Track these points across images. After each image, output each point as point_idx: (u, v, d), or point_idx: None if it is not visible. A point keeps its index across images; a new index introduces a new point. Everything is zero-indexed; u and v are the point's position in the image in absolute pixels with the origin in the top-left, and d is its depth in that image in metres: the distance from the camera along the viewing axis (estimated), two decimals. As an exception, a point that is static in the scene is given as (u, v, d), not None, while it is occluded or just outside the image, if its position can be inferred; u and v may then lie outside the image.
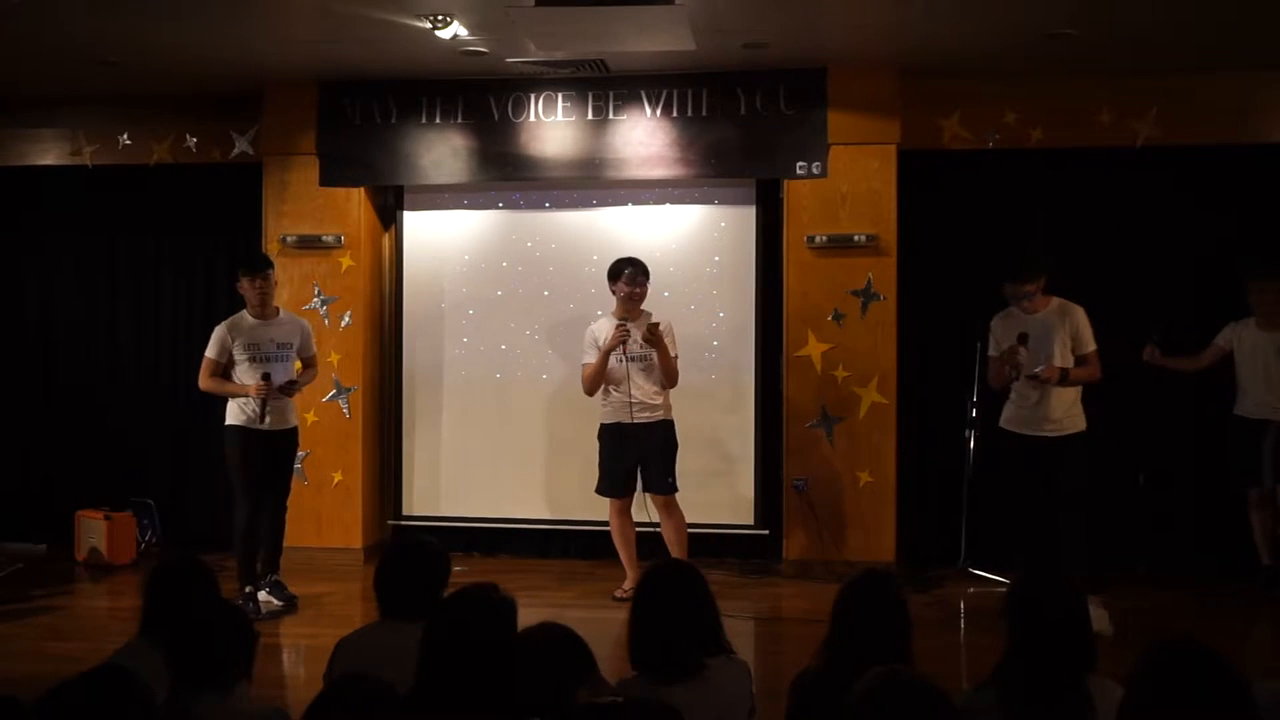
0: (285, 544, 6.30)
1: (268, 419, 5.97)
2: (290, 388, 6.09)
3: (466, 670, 2.61)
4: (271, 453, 6.09)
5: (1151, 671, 2.27)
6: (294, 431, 6.25)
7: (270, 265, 6.25)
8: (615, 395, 6.18)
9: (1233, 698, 2.19)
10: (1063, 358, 5.81)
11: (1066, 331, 5.84)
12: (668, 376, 6.19)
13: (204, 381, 6.10)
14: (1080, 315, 5.88)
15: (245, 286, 6.08)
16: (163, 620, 3.06)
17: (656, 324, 6.11)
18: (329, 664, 3.26)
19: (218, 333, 6.09)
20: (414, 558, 3.38)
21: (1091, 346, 5.86)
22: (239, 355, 6.02)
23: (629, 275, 6.15)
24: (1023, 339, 5.80)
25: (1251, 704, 2.19)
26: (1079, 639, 2.75)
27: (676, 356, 6.21)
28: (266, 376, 5.94)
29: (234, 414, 6.05)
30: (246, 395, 5.96)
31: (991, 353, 6.09)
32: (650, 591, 3.08)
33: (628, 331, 6.09)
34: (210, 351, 6.06)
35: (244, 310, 6.15)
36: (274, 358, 6.04)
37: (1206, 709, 2.18)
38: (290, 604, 6.10)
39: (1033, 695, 2.67)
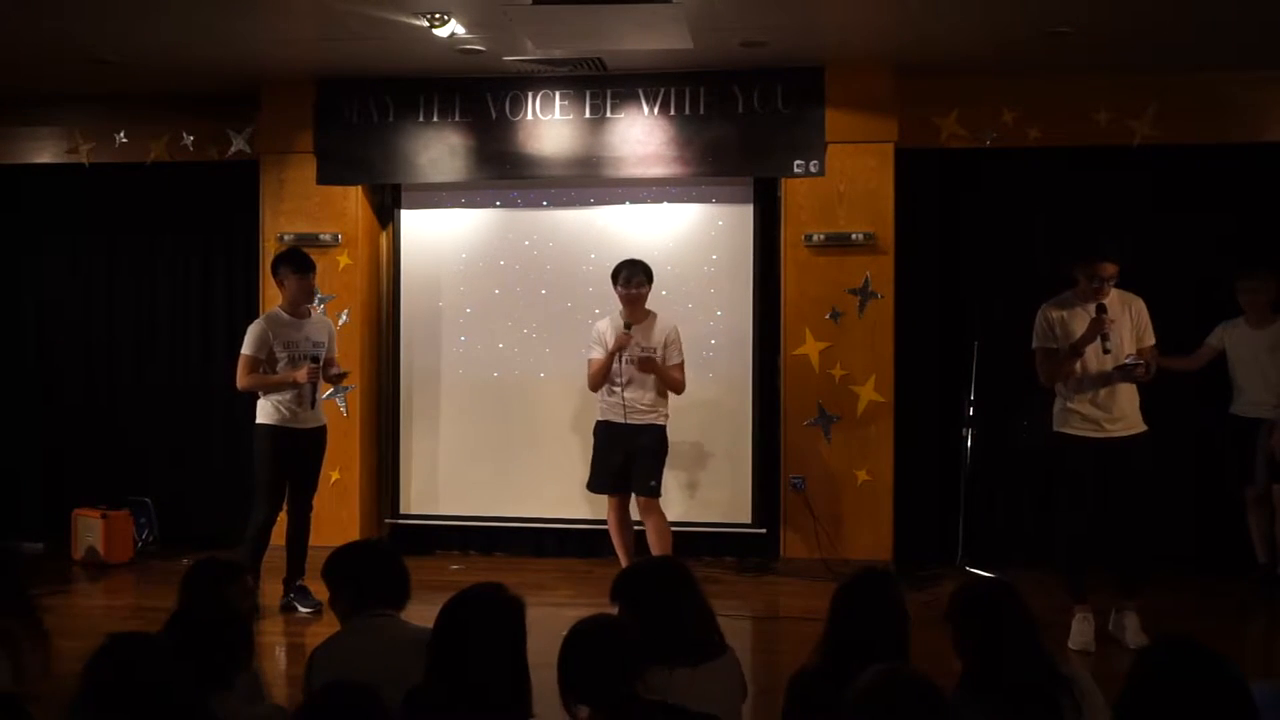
0: (283, 543, 6.26)
1: (316, 405, 5.98)
2: (340, 378, 6.09)
3: (473, 669, 2.61)
4: (302, 452, 6.01)
5: (1150, 671, 2.27)
6: (323, 430, 6.15)
7: (315, 266, 6.13)
8: (612, 396, 6.18)
9: (1232, 697, 2.19)
10: (1130, 353, 5.29)
11: (1132, 323, 5.36)
12: (672, 387, 6.20)
13: (244, 379, 5.90)
14: (1143, 306, 5.42)
15: (293, 283, 5.96)
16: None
17: (649, 359, 6.07)
18: (306, 675, 3.23)
19: (257, 329, 5.94)
20: (364, 556, 3.43)
21: (1152, 340, 5.40)
22: (278, 353, 5.91)
23: (624, 278, 6.14)
24: (1101, 309, 5.22)
25: (1250, 703, 2.19)
26: (1026, 637, 2.78)
27: (682, 362, 6.20)
28: (315, 359, 5.91)
29: (266, 413, 5.93)
30: (293, 383, 5.82)
31: (1039, 345, 5.39)
32: (628, 591, 3.07)
33: (629, 337, 6.07)
34: (249, 348, 5.89)
35: (277, 308, 6.07)
36: (311, 357, 5.95)
37: (1205, 709, 2.18)
38: (318, 609, 5.94)
39: (1006, 698, 2.70)
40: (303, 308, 6.03)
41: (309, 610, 5.97)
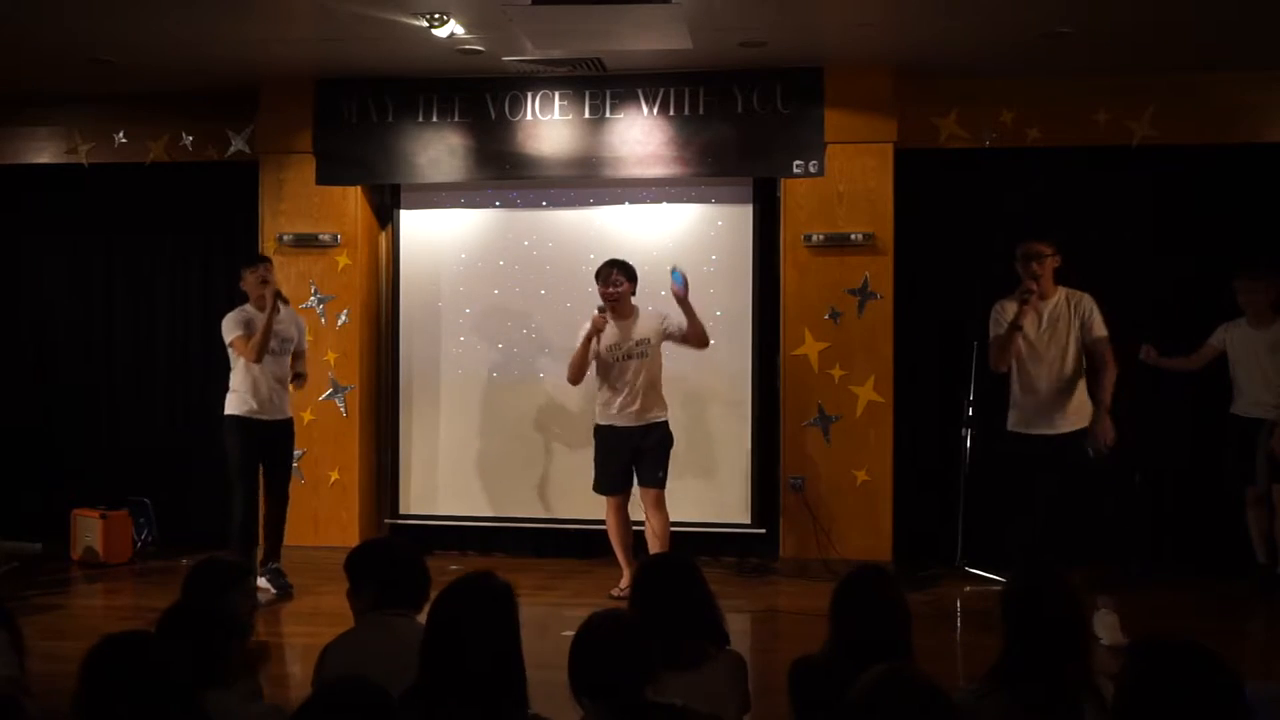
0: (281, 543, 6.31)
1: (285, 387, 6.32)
2: (301, 378, 6.36)
3: (467, 660, 2.60)
4: (269, 443, 6.25)
5: (1144, 670, 2.27)
6: (290, 422, 6.40)
7: (269, 259, 6.41)
8: (609, 395, 6.18)
9: (1225, 696, 2.18)
10: (1076, 350, 5.50)
11: (1077, 320, 5.52)
12: (701, 337, 6.19)
13: (250, 351, 6.05)
14: (1089, 301, 5.56)
15: (249, 277, 6.18)
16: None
17: (691, 309, 6.11)
18: (317, 669, 3.23)
19: (235, 316, 6.16)
20: (389, 555, 3.45)
21: (1103, 332, 5.52)
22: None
23: (603, 277, 6.18)
24: (1034, 277, 5.51)
25: (1244, 702, 2.18)
26: (1075, 636, 2.76)
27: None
28: (286, 349, 6.27)
29: (233, 404, 6.19)
30: (272, 313, 6.01)
31: (991, 334, 5.65)
32: (647, 585, 3.10)
33: (604, 318, 6.12)
34: (235, 331, 6.11)
35: (246, 305, 6.24)
36: (277, 352, 6.19)
37: (1198, 707, 2.17)
38: (286, 592, 6.18)
39: (1033, 694, 2.68)
40: (265, 302, 6.09)
41: (278, 592, 6.14)
